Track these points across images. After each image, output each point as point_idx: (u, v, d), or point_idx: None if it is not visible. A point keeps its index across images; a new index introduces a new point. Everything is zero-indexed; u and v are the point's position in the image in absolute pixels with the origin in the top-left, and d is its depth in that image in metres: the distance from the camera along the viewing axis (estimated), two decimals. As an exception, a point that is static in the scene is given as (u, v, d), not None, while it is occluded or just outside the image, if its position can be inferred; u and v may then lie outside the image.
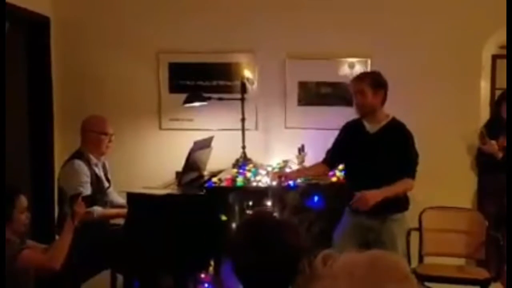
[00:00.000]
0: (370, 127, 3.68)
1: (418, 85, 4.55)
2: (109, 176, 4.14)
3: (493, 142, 4.42)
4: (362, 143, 3.67)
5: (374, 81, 3.62)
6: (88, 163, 3.89)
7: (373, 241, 3.62)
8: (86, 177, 3.81)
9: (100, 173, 4.02)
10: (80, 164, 3.82)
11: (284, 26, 4.71)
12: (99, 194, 3.90)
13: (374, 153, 3.58)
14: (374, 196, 3.44)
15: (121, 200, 4.00)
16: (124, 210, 3.85)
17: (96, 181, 3.91)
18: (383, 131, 3.65)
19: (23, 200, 3.15)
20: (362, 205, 3.47)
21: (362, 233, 3.65)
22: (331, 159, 3.89)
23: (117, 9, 4.88)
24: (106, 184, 4.06)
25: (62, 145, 4.74)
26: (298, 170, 4.16)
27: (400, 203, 3.66)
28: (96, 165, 3.98)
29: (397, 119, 3.69)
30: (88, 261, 3.67)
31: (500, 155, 4.38)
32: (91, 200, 3.57)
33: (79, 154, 3.91)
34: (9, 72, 4.13)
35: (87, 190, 3.73)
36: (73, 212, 3.30)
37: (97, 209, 3.77)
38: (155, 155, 4.87)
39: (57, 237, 3.96)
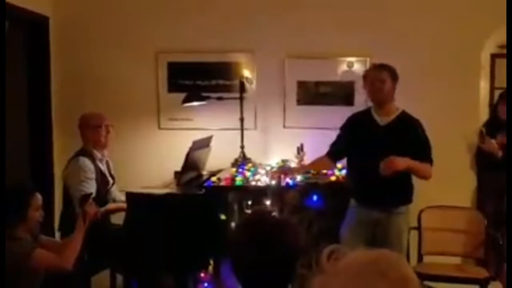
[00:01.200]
0: (381, 119, 3.70)
1: (418, 85, 4.55)
2: (113, 173, 4.15)
3: (493, 140, 4.42)
4: (372, 135, 3.67)
5: (393, 73, 3.69)
6: (93, 159, 3.90)
7: (381, 235, 3.64)
8: (91, 173, 3.82)
9: (105, 169, 4.02)
10: (85, 161, 3.84)
11: (283, 25, 4.71)
12: (104, 190, 3.91)
13: (386, 145, 3.58)
14: (401, 160, 3.47)
15: (123, 197, 4.00)
16: (124, 204, 3.86)
17: (100, 177, 3.92)
18: (394, 123, 3.68)
19: (38, 198, 3.19)
20: (388, 167, 3.45)
21: (369, 228, 3.66)
22: (337, 152, 3.86)
23: (117, 9, 4.88)
24: (111, 181, 4.07)
25: (62, 144, 4.74)
26: (299, 167, 4.15)
27: (407, 195, 3.71)
28: (101, 160, 3.99)
29: (407, 112, 3.72)
30: (88, 260, 3.67)
31: (500, 154, 4.39)
32: (101, 201, 3.60)
33: (83, 151, 3.92)
34: (8, 72, 4.13)
35: (92, 186, 3.74)
36: (84, 212, 3.31)
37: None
38: (154, 155, 4.87)
39: (57, 235, 3.98)
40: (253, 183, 3.98)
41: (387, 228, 3.64)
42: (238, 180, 3.99)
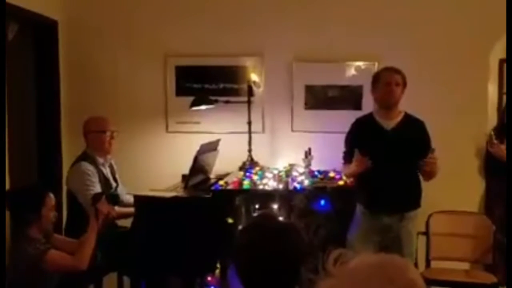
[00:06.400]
0: (386, 123, 3.70)
1: (426, 89, 4.53)
2: (117, 177, 4.15)
3: (503, 146, 4.40)
4: (380, 140, 3.67)
5: (405, 78, 3.72)
6: (95, 164, 3.91)
7: (391, 241, 3.63)
8: (94, 177, 3.83)
9: (108, 173, 4.03)
10: (87, 165, 3.85)
11: (291, 29, 4.71)
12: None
13: (395, 149, 3.59)
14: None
15: (132, 199, 4.00)
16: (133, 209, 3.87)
17: (104, 181, 3.92)
18: (401, 126, 3.69)
19: (51, 198, 3.22)
20: (433, 167, 3.55)
21: (378, 235, 3.66)
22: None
23: (125, 13, 4.90)
24: (114, 184, 4.07)
25: (70, 148, 4.75)
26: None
27: (418, 198, 3.71)
28: (103, 165, 3.99)
29: (409, 113, 3.74)
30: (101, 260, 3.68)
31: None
32: (114, 199, 3.61)
33: (85, 156, 3.93)
34: (17, 75, 4.14)
35: (97, 190, 3.75)
36: (96, 211, 3.32)
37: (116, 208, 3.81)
38: (161, 158, 4.88)
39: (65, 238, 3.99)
40: (261, 186, 3.98)
41: (398, 234, 3.64)
42: (246, 183, 3.99)
